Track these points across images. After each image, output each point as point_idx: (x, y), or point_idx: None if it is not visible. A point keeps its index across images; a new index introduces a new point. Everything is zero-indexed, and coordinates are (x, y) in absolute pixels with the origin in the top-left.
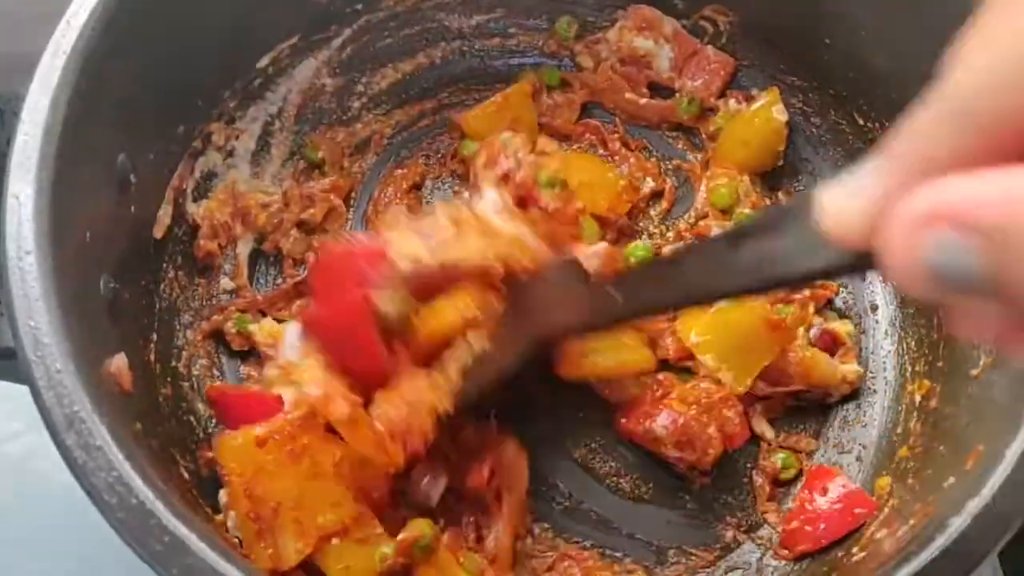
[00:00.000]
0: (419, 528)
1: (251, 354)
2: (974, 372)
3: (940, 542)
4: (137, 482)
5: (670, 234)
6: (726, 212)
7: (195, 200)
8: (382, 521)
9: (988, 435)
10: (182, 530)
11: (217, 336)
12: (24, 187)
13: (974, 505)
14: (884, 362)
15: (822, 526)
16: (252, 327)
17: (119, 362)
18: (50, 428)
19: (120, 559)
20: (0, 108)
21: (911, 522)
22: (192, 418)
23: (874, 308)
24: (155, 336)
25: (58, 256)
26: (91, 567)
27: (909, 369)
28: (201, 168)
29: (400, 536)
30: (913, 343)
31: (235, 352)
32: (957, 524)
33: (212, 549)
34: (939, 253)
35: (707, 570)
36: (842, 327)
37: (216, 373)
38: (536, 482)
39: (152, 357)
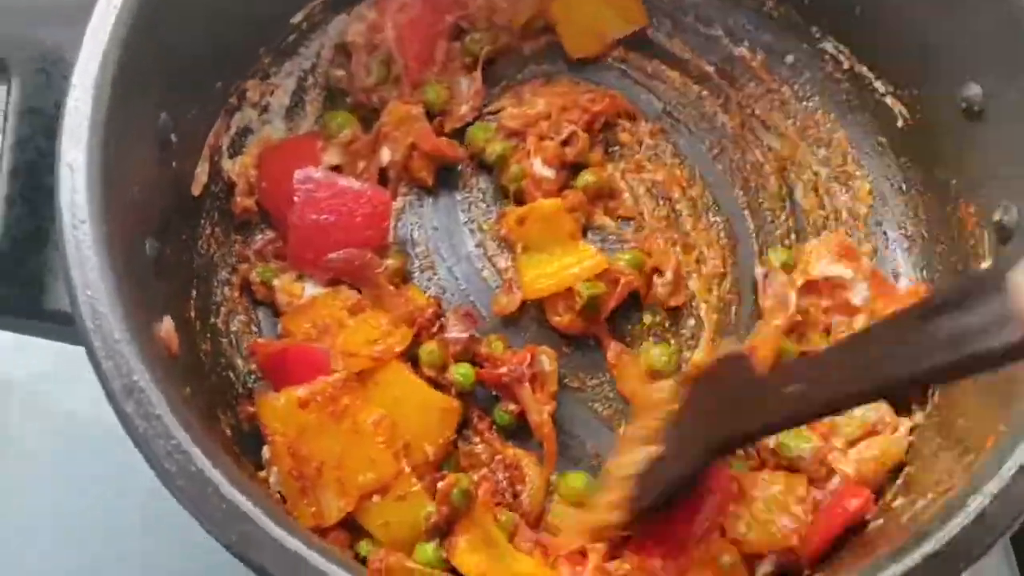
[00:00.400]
0: (455, 478)
1: None
2: None
3: (958, 520)
4: (195, 450)
5: None
6: None
7: (231, 157)
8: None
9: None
10: (239, 497)
11: (249, 289)
12: (77, 155)
13: (993, 485)
14: None
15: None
16: (275, 281)
17: (167, 325)
18: (109, 396)
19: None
20: (47, 70)
21: (929, 496)
22: (231, 374)
23: None
24: (194, 293)
25: (110, 223)
26: None
27: None
28: (237, 124)
29: (439, 485)
30: None
31: (273, 308)
32: (976, 503)
33: (267, 516)
34: None
35: None
36: None
37: (254, 329)
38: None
39: (192, 315)
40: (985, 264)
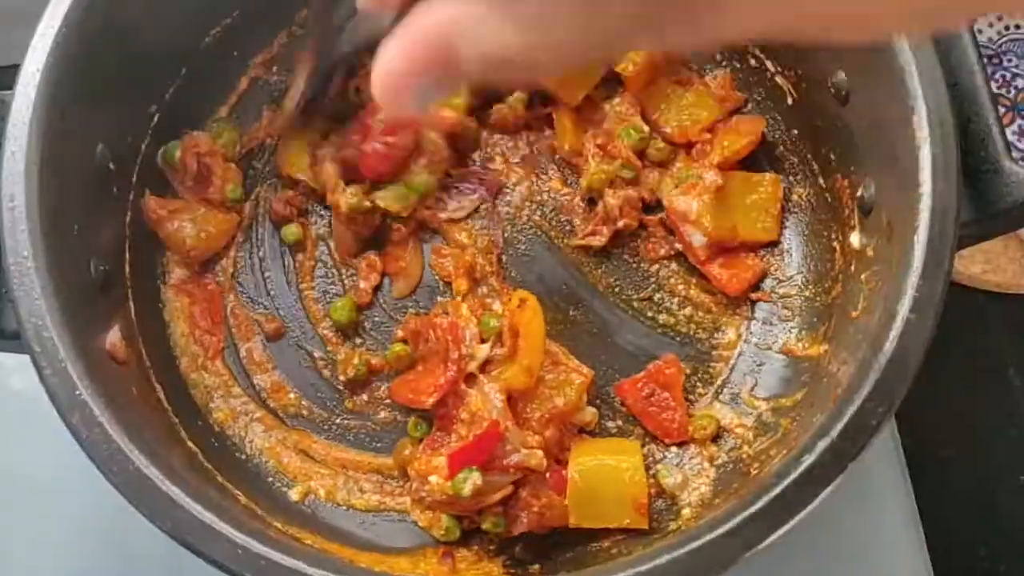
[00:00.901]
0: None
1: None
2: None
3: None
4: (134, 451)
5: None
6: None
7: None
8: None
9: None
10: (173, 489)
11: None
12: (16, 196)
13: None
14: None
15: None
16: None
17: (113, 337)
18: (57, 409)
19: None
20: None
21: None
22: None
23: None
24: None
25: (53, 251)
26: None
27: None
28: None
29: None
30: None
31: None
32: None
33: (198, 503)
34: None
35: None
36: None
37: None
38: None
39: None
40: (855, 234)
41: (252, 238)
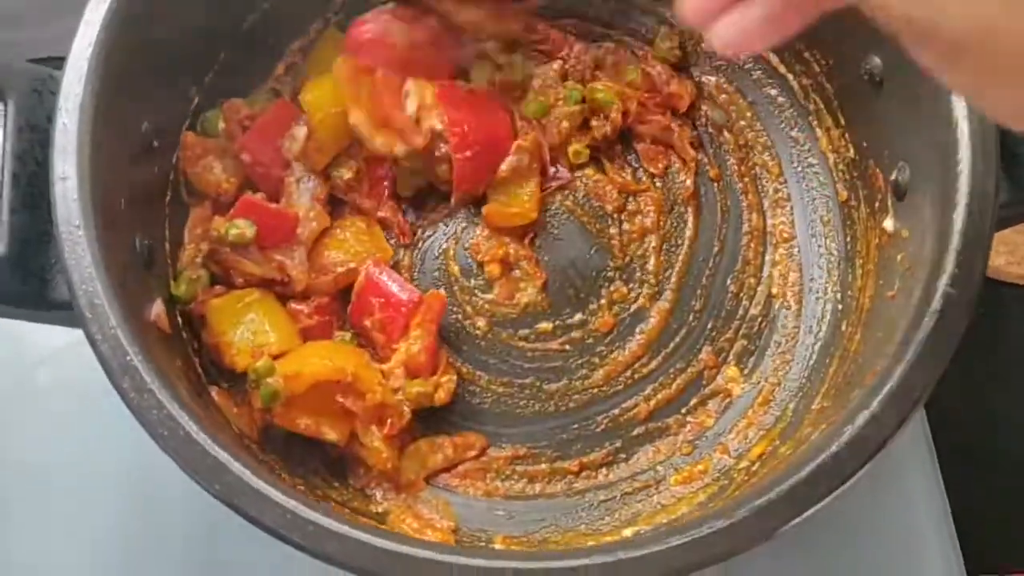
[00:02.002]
0: None
1: None
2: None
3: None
4: (184, 417)
5: None
6: None
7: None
8: None
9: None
10: (222, 454)
11: None
12: (67, 169)
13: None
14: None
15: None
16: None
17: (157, 308)
18: (108, 374)
19: None
20: (37, 88)
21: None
22: None
23: None
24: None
25: (100, 226)
26: None
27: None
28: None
29: None
30: None
31: None
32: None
33: (245, 468)
34: None
35: None
36: None
37: None
38: None
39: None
40: (889, 219)
41: None
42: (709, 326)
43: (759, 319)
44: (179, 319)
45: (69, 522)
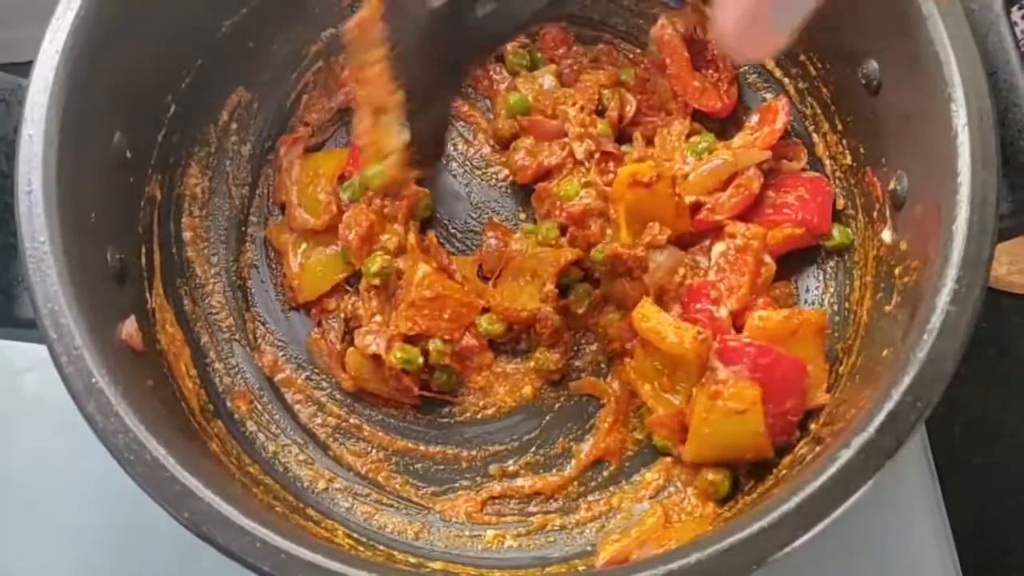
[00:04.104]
0: None
1: None
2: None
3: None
4: (151, 441)
5: None
6: None
7: None
8: None
9: None
10: (191, 480)
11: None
12: (34, 181)
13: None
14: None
15: None
16: None
17: (129, 326)
18: (73, 396)
19: None
20: (5, 98)
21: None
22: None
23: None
24: (160, 291)
25: (68, 240)
26: None
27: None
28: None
29: None
30: None
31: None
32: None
33: (216, 494)
34: None
35: None
36: None
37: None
38: None
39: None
40: (887, 230)
41: None
42: None
43: None
44: (155, 335)
45: (54, 532)
